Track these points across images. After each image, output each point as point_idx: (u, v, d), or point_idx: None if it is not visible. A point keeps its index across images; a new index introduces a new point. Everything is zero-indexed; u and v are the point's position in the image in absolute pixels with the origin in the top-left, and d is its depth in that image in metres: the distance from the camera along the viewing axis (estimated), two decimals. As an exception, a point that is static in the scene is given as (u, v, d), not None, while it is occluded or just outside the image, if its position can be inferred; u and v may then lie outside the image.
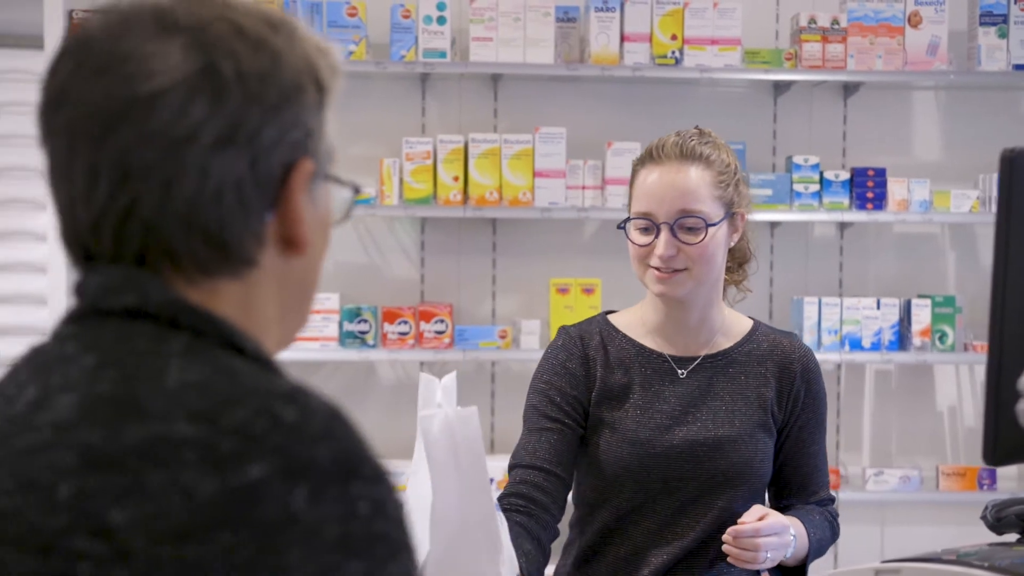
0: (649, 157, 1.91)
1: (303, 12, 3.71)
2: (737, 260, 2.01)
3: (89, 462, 0.74)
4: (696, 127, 1.93)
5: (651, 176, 1.88)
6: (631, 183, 1.93)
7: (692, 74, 3.79)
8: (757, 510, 1.81)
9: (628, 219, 1.91)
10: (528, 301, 4.03)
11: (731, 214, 1.89)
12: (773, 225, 4.02)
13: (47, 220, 3.63)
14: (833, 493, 1.99)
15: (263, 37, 0.84)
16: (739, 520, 1.79)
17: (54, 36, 3.59)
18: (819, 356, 3.80)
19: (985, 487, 3.89)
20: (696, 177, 1.86)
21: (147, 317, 0.82)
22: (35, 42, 3.62)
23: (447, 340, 3.80)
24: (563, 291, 3.85)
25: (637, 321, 1.98)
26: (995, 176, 3.82)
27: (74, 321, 0.84)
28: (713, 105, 4.03)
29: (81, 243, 0.84)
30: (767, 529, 1.77)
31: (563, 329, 1.99)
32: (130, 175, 0.81)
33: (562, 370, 1.93)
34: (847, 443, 4.10)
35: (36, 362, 0.83)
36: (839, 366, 4.06)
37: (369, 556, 0.74)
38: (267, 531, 0.72)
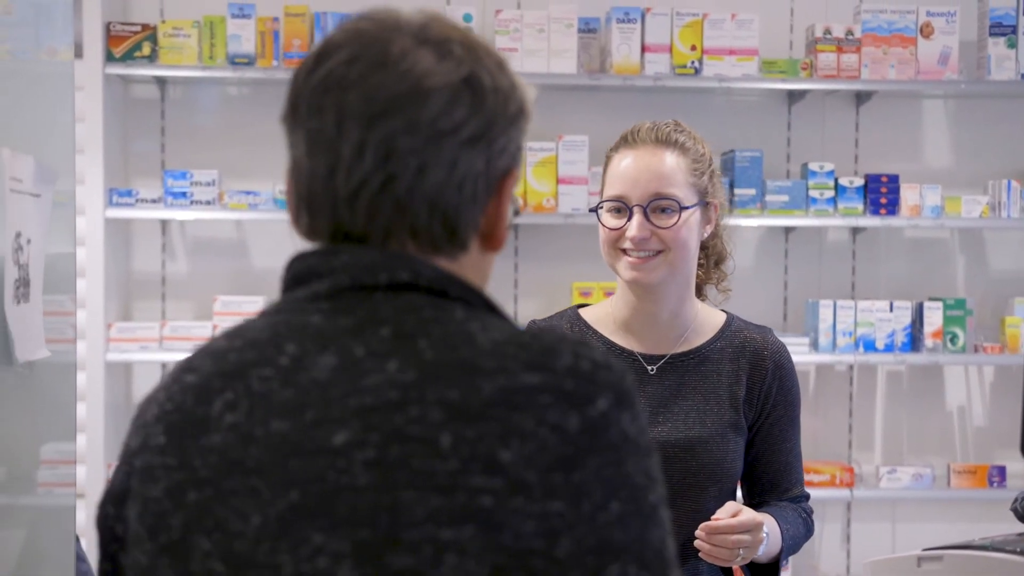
0: (624, 142, 1.86)
1: (333, 24, 3.80)
2: (713, 259, 1.95)
3: (455, 415, 0.86)
4: (672, 120, 1.89)
5: (625, 160, 1.83)
6: (604, 169, 1.89)
7: (711, 83, 3.89)
8: (730, 507, 1.76)
9: (601, 204, 1.86)
10: (550, 304, 4.11)
11: (704, 203, 1.85)
12: (788, 230, 4.13)
13: (82, 224, 3.71)
14: (808, 491, 1.99)
15: (502, 61, 0.99)
16: (712, 516, 1.75)
17: (93, 47, 3.68)
18: (834, 357, 3.98)
19: (995, 484, 3.98)
20: (671, 162, 1.82)
21: (413, 289, 0.93)
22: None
23: (473, 342, 3.89)
24: (586, 294, 3.94)
25: (607, 317, 1.93)
26: (1005, 183, 3.96)
27: (327, 298, 0.94)
28: (730, 114, 4.13)
29: (335, 213, 0.95)
30: (740, 527, 1.73)
31: (532, 323, 1.94)
32: (392, 156, 0.94)
33: None
34: (860, 442, 4.20)
35: (302, 333, 0.93)
36: (851, 367, 4.17)
37: (654, 451, 0.92)
38: (616, 450, 0.89)
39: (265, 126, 4.02)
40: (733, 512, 1.74)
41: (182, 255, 4.07)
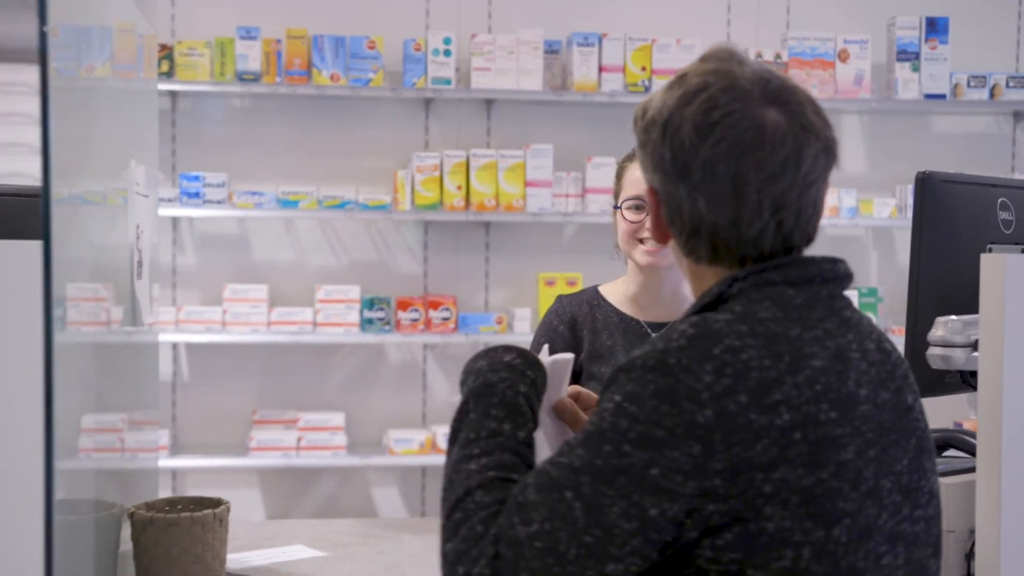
0: (635, 155, 2.20)
1: (329, 45, 4.29)
2: None
3: (912, 384, 1.28)
4: None
5: (639, 170, 2.02)
6: (619, 177, 2.27)
7: (659, 100, 4.39)
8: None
9: (622, 203, 2.22)
10: (518, 293, 4.59)
11: None
12: (725, 228, 4.63)
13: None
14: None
15: (814, 99, 1.27)
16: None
17: (120, 65, 4.12)
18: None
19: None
20: None
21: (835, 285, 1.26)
22: (33, 57, 4.03)
23: (452, 325, 4.38)
24: (550, 283, 4.44)
25: (620, 293, 2.31)
26: (910, 187, 4.50)
27: (840, 297, 1.26)
28: (674, 125, 4.62)
29: (741, 249, 1.24)
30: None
31: (559, 297, 2.35)
32: (780, 208, 1.22)
33: (552, 332, 2.30)
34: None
35: (847, 325, 1.23)
36: (780, 348, 4.66)
37: None
38: None
39: (267, 134, 4.49)
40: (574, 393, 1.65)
41: (190, 248, 4.51)
